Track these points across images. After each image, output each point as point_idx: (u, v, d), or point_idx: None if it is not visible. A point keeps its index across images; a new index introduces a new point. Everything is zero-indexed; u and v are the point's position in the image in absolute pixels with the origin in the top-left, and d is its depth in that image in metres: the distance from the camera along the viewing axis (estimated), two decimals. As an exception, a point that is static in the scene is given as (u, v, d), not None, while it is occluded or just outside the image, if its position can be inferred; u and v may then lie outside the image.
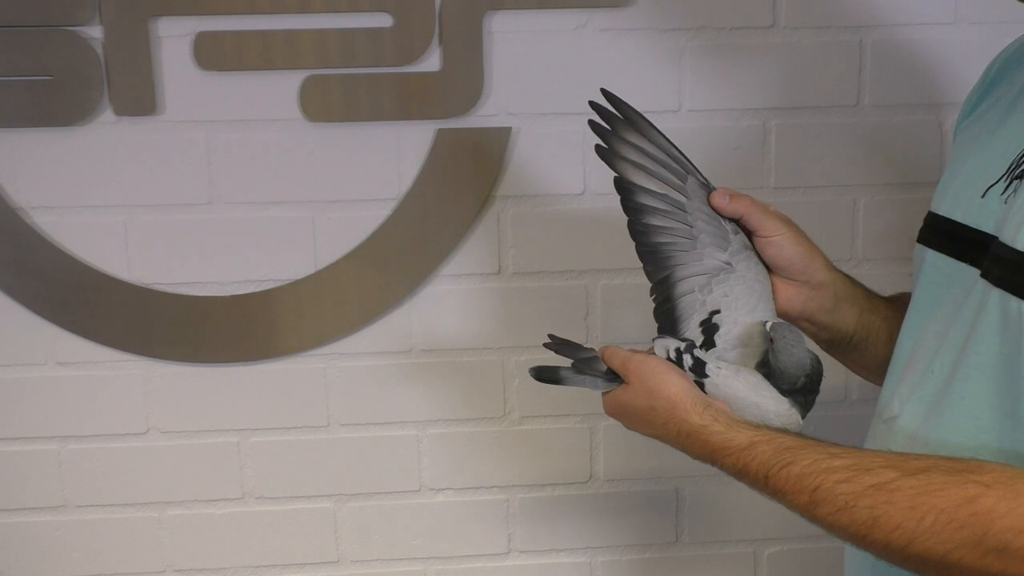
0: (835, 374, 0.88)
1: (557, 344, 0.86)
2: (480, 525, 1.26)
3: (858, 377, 0.97)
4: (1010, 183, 0.67)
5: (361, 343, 1.19)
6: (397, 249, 1.17)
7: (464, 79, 1.13)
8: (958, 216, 0.73)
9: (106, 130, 1.12)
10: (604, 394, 0.84)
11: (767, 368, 0.79)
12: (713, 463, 0.74)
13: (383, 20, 1.11)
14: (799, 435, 0.71)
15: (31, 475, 1.20)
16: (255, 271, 1.17)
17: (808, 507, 0.65)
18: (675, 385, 0.77)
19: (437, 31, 1.12)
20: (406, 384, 1.21)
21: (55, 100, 1.10)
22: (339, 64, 1.12)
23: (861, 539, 0.62)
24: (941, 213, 0.76)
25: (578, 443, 1.24)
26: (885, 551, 0.61)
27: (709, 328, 0.82)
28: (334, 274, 1.17)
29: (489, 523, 1.26)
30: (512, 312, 1.20)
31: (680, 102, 1.17)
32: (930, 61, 1.18)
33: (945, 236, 0.74)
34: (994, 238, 0.66)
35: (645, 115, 0.85)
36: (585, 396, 1.22)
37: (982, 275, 0.66)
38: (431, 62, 1.13)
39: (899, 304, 0.86)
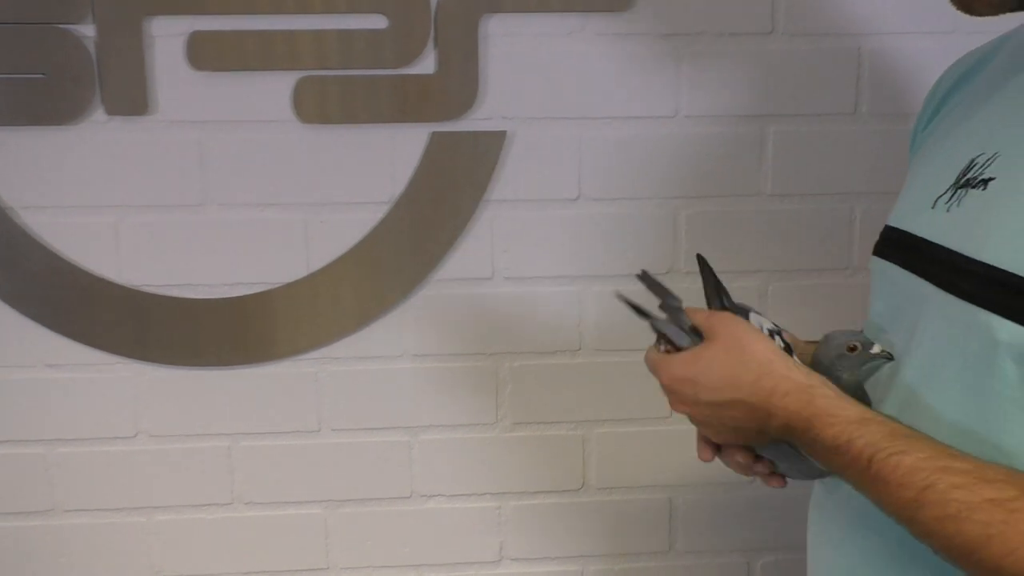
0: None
1: (650, 281, 0.79)
2: (471, 532, 1.25)
3: None
4: (954, 192, 0.67)
5: (353, 347, 1.19)
6: (390, 253, 1.16)
7: (459, 82, 1.12)
8: (910, 227, 0.73)
9: (98, 130, 1.11)
10: (671, 352, 0.76)
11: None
12: (806, 430, 0.66)
13: (378, 22, 1.11)
14: (910, 427, 0.64)
15: (19, 479, 1.19)
16: (246, 274, 1.16)
17: (910, 505, 0.59)
18: (769, 345, 0.71)
19: (432, 33, 1.11)
20: (398, 389, 1.20)
21: (46, 99, 1.09)
22: (333, 66, 1.11)
23: (966, 555, 0.56)
24: (895, 225, 0.76)
25: (570, 450, 1.23)
26: (990, 574, 0.56)
27: None
28: (326, 278, 1.16)
29: (481, 530, 1.25)
30: (505, 317, 1.19)
31: (677, 108, 1.16)
32: (928, 70, 1.17)
33: (898, 248, 0.74)
34: (945, 249, 0.66)
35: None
36: (578, 403, 1.22)
37: (941, 287, 0.65)
38: (426, 64, 1.12)
39: None
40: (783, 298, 1.21)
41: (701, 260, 0.79)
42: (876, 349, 0.70)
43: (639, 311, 0.78)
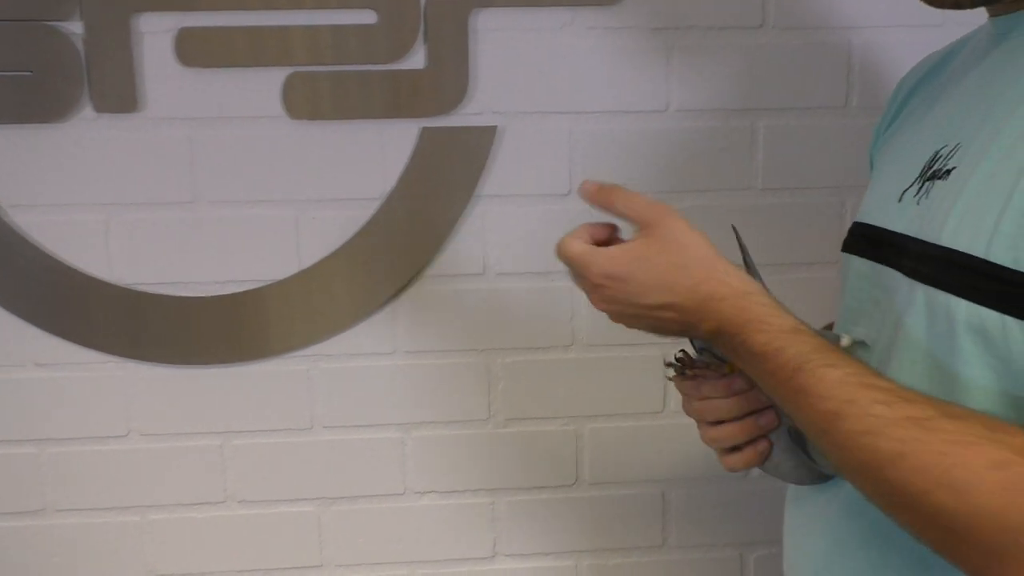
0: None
1: (739, 238, 0.77)
2: (465, 528, 1.24)
3: None
4: (922, 185, 0.68)
5: (345, 344, 1.18)
6: (381, 249, 1.16)
7: (449, 77, 1.12)
8: (878, 222, 0.74)
9: (86, 127, 1.11)
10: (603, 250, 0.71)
11: None
12: (736, 334, 0.65)
13: (367, 17, 1.10)
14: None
15: (9, 479, 1.18)
16: (237, 271, 1.16)
17: (829, 417, 0.58)
18: (709, 247, 0.68)
19: (422, 28, 1.11)
20: (390, 386, 1.20)
21: (34, 96, 1.09)
22: (322, 61, 1.10)
23: (875, 471, 0.55)
24: (863, 220, 0.77)
25: (564, 446, 1.23)
26: (897, 493, 0.55)
27: None
28: (317, 275, 1.16)
29: (474, 526, 1.24)
30: (497, 313, 1.19)
31: (668, 102, 1.16)
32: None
33: (868, 242, 0.75)
34: (913, 239, 0.66)
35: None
36: (571, 399, 1.21)
37: (907, 275, 0.66)
38: (416, 60, 1.12)
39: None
40: (775, 292, 1.21)
41: (736, 233, 0.77)
42: (845, 341, 0.69)
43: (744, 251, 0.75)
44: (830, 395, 0.59)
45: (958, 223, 0.61)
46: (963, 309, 0.59)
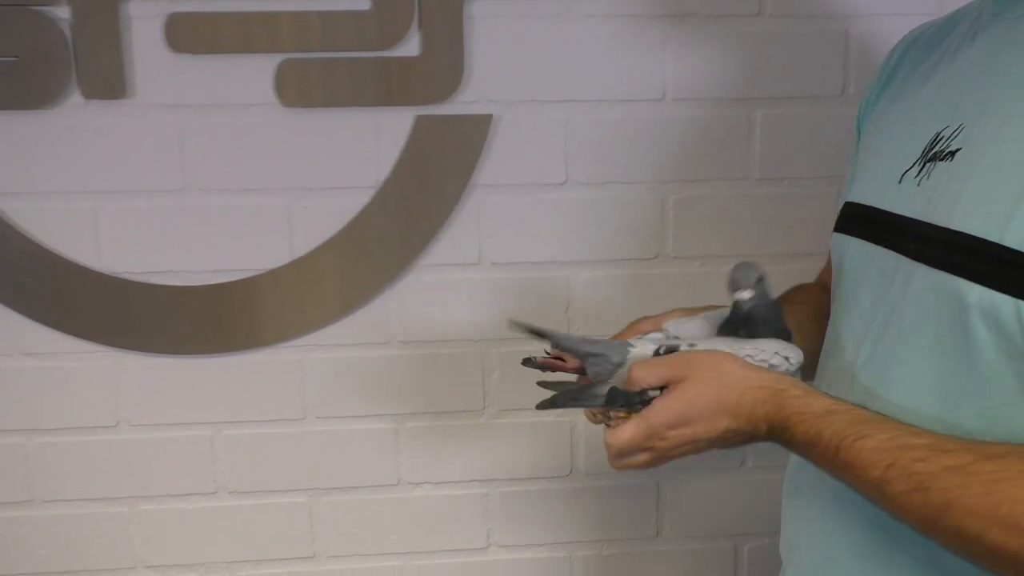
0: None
1: (555, 340, 0.81)
2: (459, 519, 1.24)
3: None
4: (923, 166, 0.68)
5: (338, 334, 1.17)
6: (375, 239, 1.15)
7: (444, 65, 1.11)
8: (877, 203, 0.74)
9: (74, 114, 1.09)
10: (623, 416, 0.75)
11: (737, 326, 0.78)
12: (783, 430, 0.68)
13: (361, 3, 1.09)
14: (875, 412, 0.66)
15: (-2, 469, 1.17)
16: (228, 260, 1.14)
17: (878, 484, 0.60)
18: (736, 358, 0.72)
19: (416, 15, 1.09)
20: (384, 376, 1.19)
21: (21, 82, 1.07)
22: (315, 48, 1.09)
23: (932, 524, 0.58)
24: (860, 201, 0.77)
25: (558, 437, 1.23)
26: (957, 539, 0.57)
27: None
28: (310, 264, 1.15)
29: (468, 517, 1.24)
30: (492, 303, 1.18)
31: (664, 91, 1.15)
32: (915, 52, 1.17)
33: (867, 223, 0.75)
34: (917, 222, 0.67)
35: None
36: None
37: (911, 257, 0.67)
38: (410, 47, 1.10)
39: (798, 297, 0.90)
40: (772, 283, 1.20)
41: (519, 327, 0.80)
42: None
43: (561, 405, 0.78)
44: (871, 464, 0.61)
45: (968, 206, 0.61)
46: (975, 294, 0.59)
